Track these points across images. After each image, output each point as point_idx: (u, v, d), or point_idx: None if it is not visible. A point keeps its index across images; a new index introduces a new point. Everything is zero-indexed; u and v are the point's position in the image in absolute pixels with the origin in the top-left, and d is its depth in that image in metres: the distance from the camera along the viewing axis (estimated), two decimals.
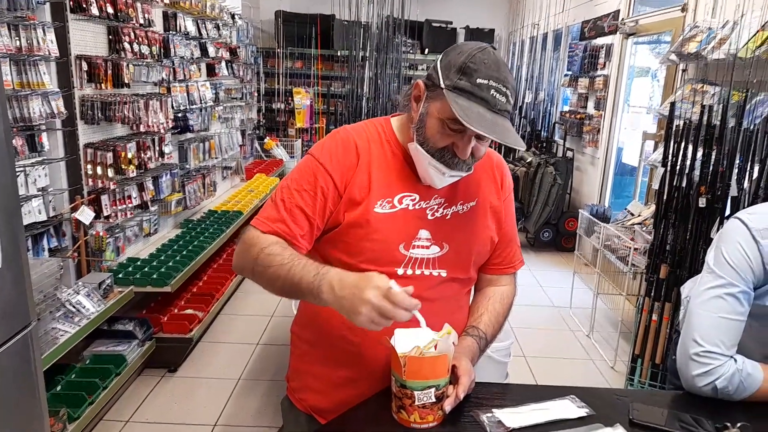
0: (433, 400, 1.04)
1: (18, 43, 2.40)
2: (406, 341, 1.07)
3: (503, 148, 6.63)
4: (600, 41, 5.26)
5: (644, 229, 3.30)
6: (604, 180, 5.08)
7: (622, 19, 4.72)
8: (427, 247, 1.18)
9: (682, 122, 2.81)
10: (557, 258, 5.27)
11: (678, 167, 2.75)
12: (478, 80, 1.04)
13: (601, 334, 3.69)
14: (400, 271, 1.17)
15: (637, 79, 5.01)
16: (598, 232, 3.59)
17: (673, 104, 2.97)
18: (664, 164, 2.84)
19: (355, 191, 1.15)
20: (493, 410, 1.10)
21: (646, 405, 1.16)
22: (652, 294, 2.80)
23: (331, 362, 1.24)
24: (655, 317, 2.78)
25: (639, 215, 3.56)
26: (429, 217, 1.18)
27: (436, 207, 1.19)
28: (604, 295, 3.80)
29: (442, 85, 1.07)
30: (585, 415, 1.11)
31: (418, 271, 1.18)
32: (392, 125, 1.23)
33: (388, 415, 1.08)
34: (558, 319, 3.96)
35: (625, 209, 3.81)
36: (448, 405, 1.06)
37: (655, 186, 2.92)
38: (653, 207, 3.21)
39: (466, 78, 1.05)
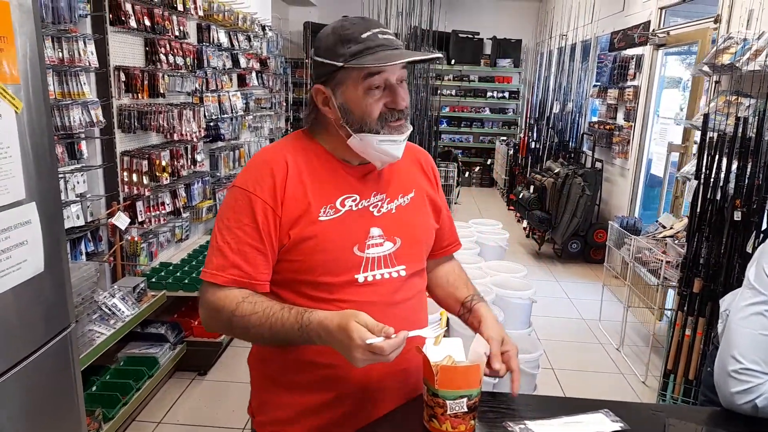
0: (465, 409, 1.04)
1: (60, 54, 2.49)
2: (437, 350, 1.08)
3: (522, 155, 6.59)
4: (630, 52, 5.20)
5: (676, 242, 3.24)
6: (634, 191, 5.00)
7: (653, 30, 4.67)
8: (381, 245, 1.15)
9: (715, 134, 2.76)
10: (585, 270, 5.19)
11: (712, 180, 2.70)
12: (362, 36, 1.06)
13: (632, 348, 3.62)
14: (360, 278, 1.13)
15: (665, 90, 4.93)
16: (628, 244, 3.54)
17: (706, 116, 2.92)
18: (697, 177, 2.79)
19: (293, 207, 1.10)
20: (526, 422, 1.10)
21: (682, 421, 1.14)
22: (686, 308, 2.75)
23: (302, 389, 1.16)
24: (688, 332, 2.72)
25: (671, 228, 3.49)
26: (376, 214, 1.16)
27: (378, 203, 1.17)
28: (635, 309, 3.73)
29: (339, 64, 1.06)
30: (619, 429, 1.09)
31: (378, 275, 1.14)
32: (310, 134, 1.19)
33: (418, 424, 1.08)
34: (587, 332, 3.90)
35: (657, 221, 3.74)
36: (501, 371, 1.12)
37: (688, 199, 2.87)
38: (686, 220, 3.15)
39: (353, 43, 1.05)
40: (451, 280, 1.36)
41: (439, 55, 1.13)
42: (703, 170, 2.75)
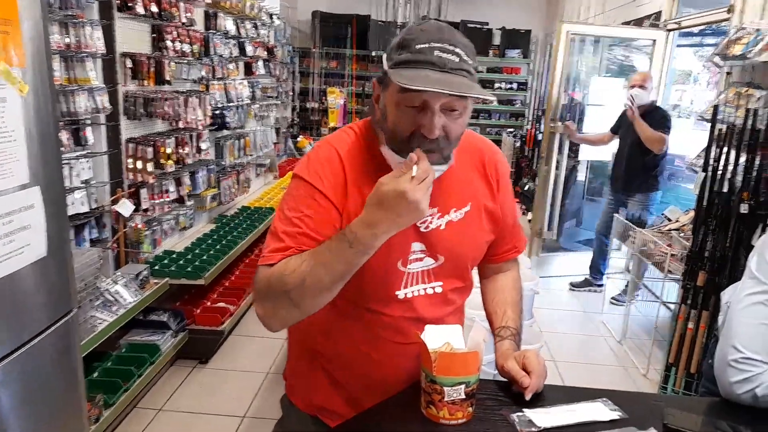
0: (463, 396, 1.04)
1: (67, 40, 2.49)
2: (436, 337, 1.07)
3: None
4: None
5: (682, 235, 3.22)
6: None
7: (665, 20, 4.61)
8: (421, 260, 1.12)
9: (725, 126, 2.73)
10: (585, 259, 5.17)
11: (719, 172, 2.67)
12: (417, 46, 0.96)
13: (634, 340, 3.61)
14: (401, 294, 1.11)
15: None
16: (633, 236, 3.52)
17: (716, 107, 2.89)
18: (705, 169, 2.77)
19: (352, 209, 1.05)
20: (524, 410, 1.10)
21: (681, 410, 1.13)
22: (689, 301, 2.73)
23: (341, 368, 1.18)
24: (691, 325, 2.71)
25: (676, 220, 3.47)
26: (423, 229, 1.10)
27: (428, 218, 1.10)
28: (638, 301, 3.71)
29: (385, 68, 1.00)
30: (617, 418, 1.09)
31: (416, 291, 1.13)
32: (372, 129, 1.13)
33: (416, 410, 1.08)
34: (589, 325, 3.89)
35: (662, 214, 3.72)
36: (529, 393, 1.11)
37: (695, 191, 2.85)
38: (692, 213, 3.13)
39: (406, 50, 0.97)
40: (496, 302, 1.29)
41: (491, 98, 1.01)
42: (711, 162, 2.72)
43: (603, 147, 4.61)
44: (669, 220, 3.56)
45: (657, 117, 3.94)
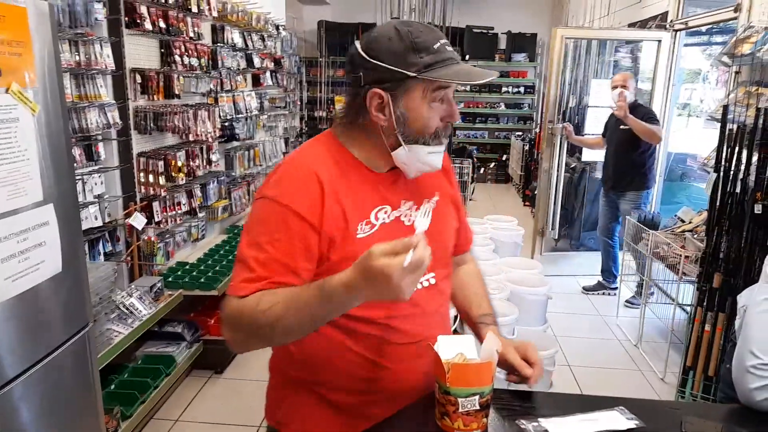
0: (478, 407, 1.03)
1: (77, 57, 2.53)
2: (449, 347, 1.07)
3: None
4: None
5: (696, 236, 3.19)
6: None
7: (671, 21, 4.59)
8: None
9: (735, 126, 2.70)
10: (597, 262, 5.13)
11: (732, 173, 2.64)
12: (434, 47, 1.03)
13: (650, 344, 3.57)
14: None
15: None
16: (646, 239, 3.49)
17: (725, 107, 2.86)
18: (716, 170, 2.74)
19: (332, 227, 1.04)
20: (539, 419, 1.09)
21: (699, 418, 1.12)
22: (705, 303, 2.70)
23: (329, 391, 1.14)
24: (708, 327, 2.67)
25: (690, 222, 3.44)
26: (406, 223, 1.14)
27: (407, 212, 1.15)
28: (653, 304, 3.68)
29: (411, 74, 1.02)
30: (634, 427, 1.08)
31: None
32: (339, 141, 1.14)
33: (430, 421, 1.08)
34: (604, 328, 3.85)
35: (675, 215, 3.68)
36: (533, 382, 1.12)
37: (707, 192, 2.82)
38: (705, 214, 3.10)
39: (425, 52, 1.02)
40: (468, 294, 1.34)
41: (494, 74, 1.10)
42: (723, 163, 2.70)
43: (600, 150, 4.60)
44: (682, 221, 3.53)
45: (643, 112, 4.01)
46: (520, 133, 8.88)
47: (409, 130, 1.06)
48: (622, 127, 4.04)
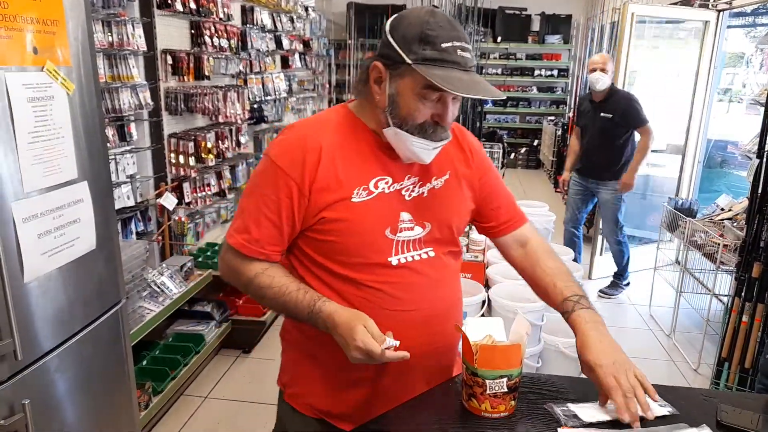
0: (505, 389, 1.02)
1: (110, 38, 2.56)
2: (477, 329, 1.06)
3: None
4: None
5: (735, 224, 3.08)
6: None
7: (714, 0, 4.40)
8: (411, 229, 1.14)
9: None
10: (634, 254, 5.02)
11: None
12: (443, 45, 1.02)
13: (684, 334, 3.49)
14: (394, 261, 1.12)
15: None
16: (682, 227, 3.39)
17: None
18: (759, 155, 2.63)
19: (324, 188, 1.09)
20: (568, 404, 1.07)
21: (735, 408, 1.08)
22: (743, 294, 2.61)
23: (341, 365, 1.12)
24: (745, 319, 2.59)
25: (729, 209, 3.32)
26: (407, 198, 1.14)
27: (411, 186, 1.15)
28: (688, 294, 3.58)
29: (408, 61, 1.03)
30: (668, 414, 1.05)
31: (409, 257, 1.13)
32: (352, 111, 1.17)
33: (455, 403, 1.07)
34: (636, 318, 3.77)
35: (714, 203, 3.57)
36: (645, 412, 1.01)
37: (749, 179, 2.72)
38: (746, 201, 2.99)
39: (431, 47, 1.02)
40: (538, 277, 1.25)
41: (501, 95, 1.10)
42: (766, 148, 2.59)
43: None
44: (721, 209, 3.42)
45: (622, 104, 3.76)
46: (552, 118, 8.69)
47: (396, 112, 1.07)
48: (602, 114, 3.83)
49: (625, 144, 3.84)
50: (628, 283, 4.17)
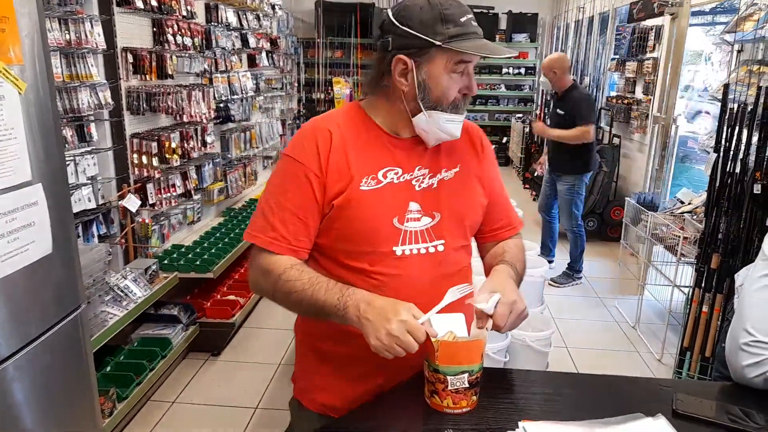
0: (467, 385, 1.03)
1: (67, 36, 2.48)
2: (440, 325, 1.06)
3: None
4: (649, 23, 5.05)
5: (695, 217, 3.17)
6: (649, 166, 4.88)
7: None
8: (418, 219, 1.15)
9: (736, 105, 2.67)
10: (602, 248, 5.12)
11: (731, 153, 2.61)
12: (461, 20, 1.08)
13: (648, 325, 3.58)
14: (398, 251, 1.13)
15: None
16: (645, 220, 3.47)
17: (726, 86, 2.83)
18: (716, 150, 2.71)
19: (336, 175, 1.12)
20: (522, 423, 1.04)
21: (691, 396, 1.11)
22: (703, 284, 2.69)
23: (343, 360, 1.20)
24: (705, 309, 2.67)
25: (689, 203, 3.42)
26: (417, 188, 1.17)
27: (421, 177, 1.18)
28: (651, 286, 3.67)
29: (437, 42, 1.07)
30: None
31: (415, 249, 1.14)
32: (363, 108, 1.20)
33: (419, 401, 1.07)
34: (602, 311, 3.85)
35: (675, 197, 3.66)
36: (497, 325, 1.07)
37: (707, 172, 2.80)
38: (704, 195, 3.07)
39: (452, 24, 1.07)
40: (497, 253, 1.28)
41: (513, 52, 1.20)
42: (723, 143, 2.67)
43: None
44: (682, 202, 3.51)
45: (573, 101, 3.96)
46: (520, 115, 8.80)
47: (428, 96, 1.11)
48: (558, 110, 4.07)
49: (578, 144, 4.02)
50: (581, 276, 4.32)
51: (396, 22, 1.10)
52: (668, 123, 4.29)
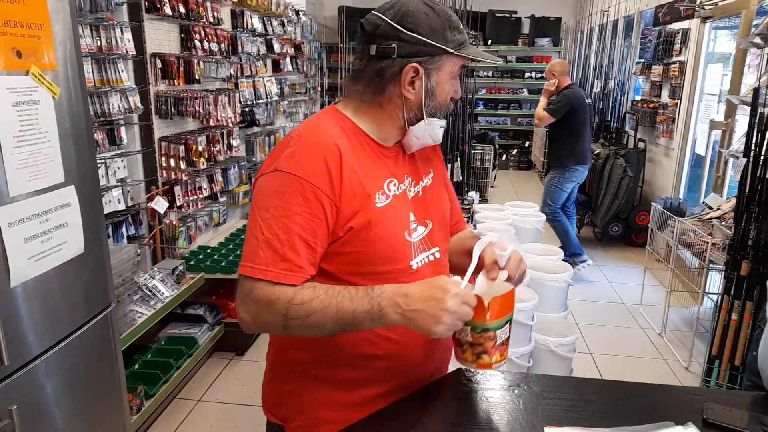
0: (508, 334, 1.04)
1: (99, 42, 2.55)
2: (478, 286, 1.04)
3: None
4: (676, 26, 4.97)
5: (723, 223, 3.11)
6: (679, 172, 4.81)
7: (700, 2, 4.44)
8: (416, 230, 1.13)
9: (766, 110, 2.61)
10: (627, 253, 5.05)
11: (762, 158, 2.56)
12: (461, 27, 1.10)
13: (674, 333, 3.51)
14: (414, 264, 1.10)
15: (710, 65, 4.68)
16: (671, 226, 3.41)
17: (756, 90, 2.77)
18: (746, 155, 2.66)
19: (350, 195, 1.02)
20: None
21: (722, 405, 1.09)
22: (732, 292, 2.63)
23: (357, 384, 1.11)
24: (734, 316, 2.61)
25: (718, 209, 3.35)
26: (409, 197, 1.14)
27: (410, 186, 1.16)
28: (678, 293, 3.60)
29: (450, 50, 1.06)
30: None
31: (423, 260, 1.12)
32: (347, 115, 1.12)
33: (434, 410, 1.07)
34: (627, 317, 3.79)
35: (703, 202, 3.59)
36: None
37: (736, 178, 2.74)
38: (734, 200, 3.01)
39: (457, 32, 1.08)
40: (462, 237, 1.30)
41: (498, 60, 1.22)
42: (753, 147, 2.61)
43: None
44: (710, 208, 3.44)
45: (559, 97, 4.35)
46: None
47: (433, 103, 1.10)
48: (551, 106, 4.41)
49: (560, 138, 4.36)
50: (585, 258, 4.42)
51: (401, 29, 1.04)
52: (729, 128, 4.11)
